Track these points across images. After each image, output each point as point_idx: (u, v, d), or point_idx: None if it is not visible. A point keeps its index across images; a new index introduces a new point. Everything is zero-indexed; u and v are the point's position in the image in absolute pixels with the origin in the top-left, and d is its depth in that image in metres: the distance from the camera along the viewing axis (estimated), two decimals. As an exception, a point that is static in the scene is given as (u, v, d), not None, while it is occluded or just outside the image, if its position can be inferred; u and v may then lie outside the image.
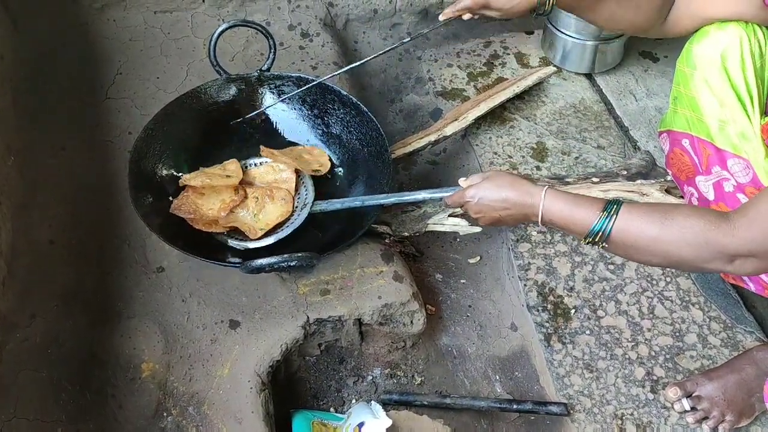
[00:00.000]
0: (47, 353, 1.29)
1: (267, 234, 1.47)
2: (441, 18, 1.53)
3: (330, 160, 1.63)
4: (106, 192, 1.57)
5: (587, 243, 1.16)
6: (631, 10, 1.42)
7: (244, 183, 1.54)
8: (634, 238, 1.11)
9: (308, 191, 1.55)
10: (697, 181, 1.47)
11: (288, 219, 1.49)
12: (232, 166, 1.55)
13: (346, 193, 1.61)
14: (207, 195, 1.49)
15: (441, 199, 1.36)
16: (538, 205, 1.18)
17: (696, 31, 1.41)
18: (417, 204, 1.60)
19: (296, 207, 1.52)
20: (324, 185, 1.60)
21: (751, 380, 1.34)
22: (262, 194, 1.51)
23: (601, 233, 1.12)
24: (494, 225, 1.31)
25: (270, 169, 1.57)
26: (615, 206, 1.13)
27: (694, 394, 1.37)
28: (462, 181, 1.32)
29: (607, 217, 1.12)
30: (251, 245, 1.46)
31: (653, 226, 1.09)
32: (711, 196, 1.44)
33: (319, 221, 1.54)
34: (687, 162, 1.49)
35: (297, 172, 1.56)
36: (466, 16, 1.50)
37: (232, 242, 1.46)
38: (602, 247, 1.15)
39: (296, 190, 1.55)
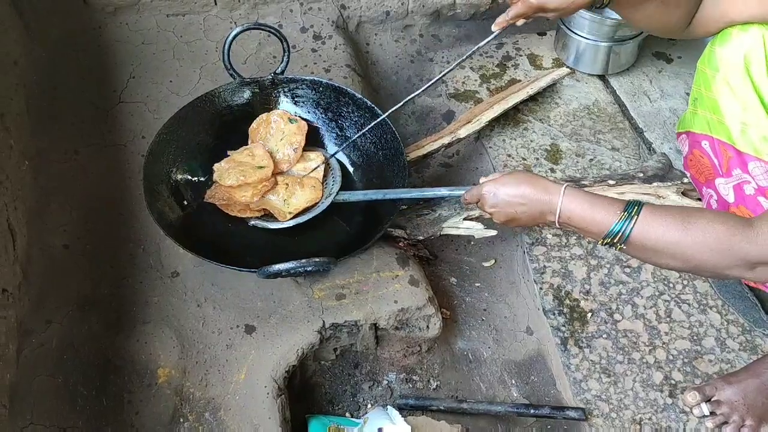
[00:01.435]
0: (63, 359, 1.29)
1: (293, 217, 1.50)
2: (494, 28, 1.42)
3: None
4: (120, 196, 1.57)
5: (605, 244, 1.14)
6: (668, 13, 1.39)
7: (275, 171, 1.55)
8: (654, 240, 1.09)
9: (335, 181, 1.55)
10: (717, 183, 1.46)
11: (314, 205, 1.51)
12: (259, 150, 1.55)
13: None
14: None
15: (460, 196, 1.34)
16: (556, 203, 1.16)
17: (717, 32, 1.39)
18: (432, 207, 1.60)
19: (324, 195, 1.53)
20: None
21: (773, 384, 1.33)
22: (292, 182, 1.53)
23: (620, 234, 1.10)
24: (508, 224, 1.27)
25: (301, 158, 1.59)
26: (636, 207, 1.11)
27: (713, 399, 1.36)
28: (482, 179, 1.30)
29: (627, 218, 1.10)
30: (272, 226, 1.49)
31: (675, 229, 1.07)
32: (731, 199, 1.42)
33: (344, 214, 1.56)
34: (706, 164, 1.48)
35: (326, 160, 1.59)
36: (520, 22, 1.41)
37: (255, 222, 1.50)
38: (620, 248, 1.13)
39: (324, 178, 1.56)
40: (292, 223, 1.48)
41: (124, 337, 1.34)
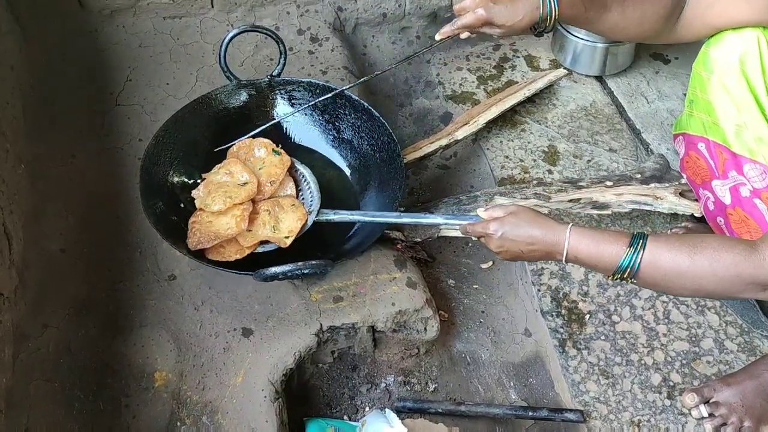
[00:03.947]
0: (59, 363, 1.29)
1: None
2: (438, 37, 1.45)
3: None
4: (117, 199, 1.57)
5: (615, 279, 1.14)
6: (635, 21, 1.40)
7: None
8: (664, 272, 1.10)
9: (313, 197, 1.48)
10: (713, 185, 1.46)
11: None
12: (237, 166, 1.48)
13: (358, 198, 1.60)
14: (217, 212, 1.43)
15: (458, 226, 1.32)
16: (563, 243, 1.16)
17: (711, 36, 1.40)
18: (429, 209, 1.59)
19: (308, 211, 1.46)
20: (334, 191, 1.59)
21: (771, 385, 1.33)
22: (271, 205, 1.44)
23: (629, 269, 1.10)
24: (513, 260, 1.30)
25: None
26: (641, 240, 1.11)
27: (711, 400, 1.36)
28: (481, 212, 1.28)
29: (634, 253, 1.10)
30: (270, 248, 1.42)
31: (682, 259, 1.08)
32: (727, 201, 1.42)
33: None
34: (703, 165, 1.48)
35: (290, 171, 1.51)
36: (464, 35, 1.44)
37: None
38: (630, 282, 1.13)
39: (297, 193, 1.50)
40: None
41: (121, 341, 1.33)
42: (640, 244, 1.10)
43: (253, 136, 1.55)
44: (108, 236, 1.50)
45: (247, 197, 1.42)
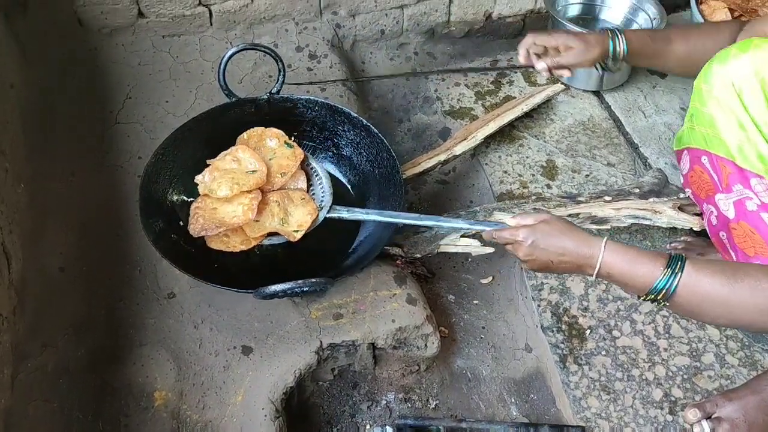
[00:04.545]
0: (59, 383, 1.28)
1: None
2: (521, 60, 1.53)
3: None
4: (117, 218, 1.56)
5: (646, 300, 1.11)
6: (700, 53, 1.39)
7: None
8: (700, 299, 1.07)
9: (325, 193, 1.46)
10: (717, 198, 1.45)
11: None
12: (245, 153, 1.43)
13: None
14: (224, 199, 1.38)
15: (481, 231, 1.30)
16: (596, 257, 1.13)
17: None
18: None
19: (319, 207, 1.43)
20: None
21: (773, 401, 1.32)
22: (281, 197, 1.41)
23: (664, 291, 1.08)
24: (541, 270, 1.26)
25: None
26: (679, 263, 1.08)
27: (713, 416, 1.34)
28: (510, 220, 1.26)
29: (671, 275, 1.07)
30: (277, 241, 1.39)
31: (721, 287, 1.05)
32: (731, 215, 1.41)
33: (340, 233, 1.52)
34: (707, 179, 1.47)
35: (302, 165, 1.48)
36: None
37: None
38: (662, 305, 1.10)
39: (308, 189, 1.47)
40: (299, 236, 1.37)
41: (121, 360, 1.33)
42: (678, 266, 1.07)
43: None
44: (107, 255, 1.50)
45: (255, 185, 1.38)
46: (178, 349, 1.36)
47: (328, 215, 1.42)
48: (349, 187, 1.65)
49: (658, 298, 1.09)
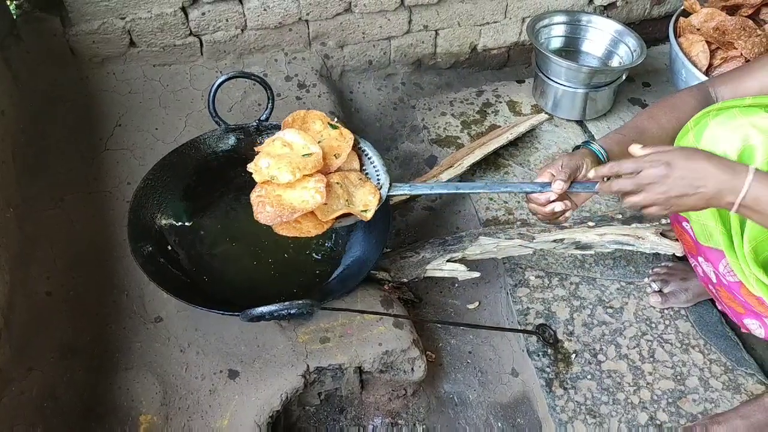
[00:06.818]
0: (43, 407, 1.27)
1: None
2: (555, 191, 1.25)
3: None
4: (105, 242, 1.57)
5: None
6: (675, 127, 1.28)
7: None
8: None
9: (380, 172, 1.42)
10: (699, 260, 1.38)
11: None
12: (294, 136, 1.36)
13: (345, 240, 1.61)
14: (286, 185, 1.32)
15: (549, 189, 1.17)
16: (743, 183, 1.00)
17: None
18: (416, 249, 1.61)
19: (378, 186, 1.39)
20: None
21: (762, 427, 1.33)
22: (341, 178, 1.36)
23: None
24: (666, 210, 1.09)
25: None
26: None
27: (701, 440, 1.36)
28: (635, 149, 1.10)
29: None
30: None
31: None
32: (713, 279, 1.35)
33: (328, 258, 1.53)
34: (688, 240, 1.41)
35: (355, 146, 1.43)
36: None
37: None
38: None
39: (361, 167, 1.43)
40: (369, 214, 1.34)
41: (106, 384, 1.32)
42: None
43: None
44: (95, 279, 1.50)
45: (313, 168, 1.33)
46: (164, 373, 1.35)
47: (390, 193, 1.38)
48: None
49: None
